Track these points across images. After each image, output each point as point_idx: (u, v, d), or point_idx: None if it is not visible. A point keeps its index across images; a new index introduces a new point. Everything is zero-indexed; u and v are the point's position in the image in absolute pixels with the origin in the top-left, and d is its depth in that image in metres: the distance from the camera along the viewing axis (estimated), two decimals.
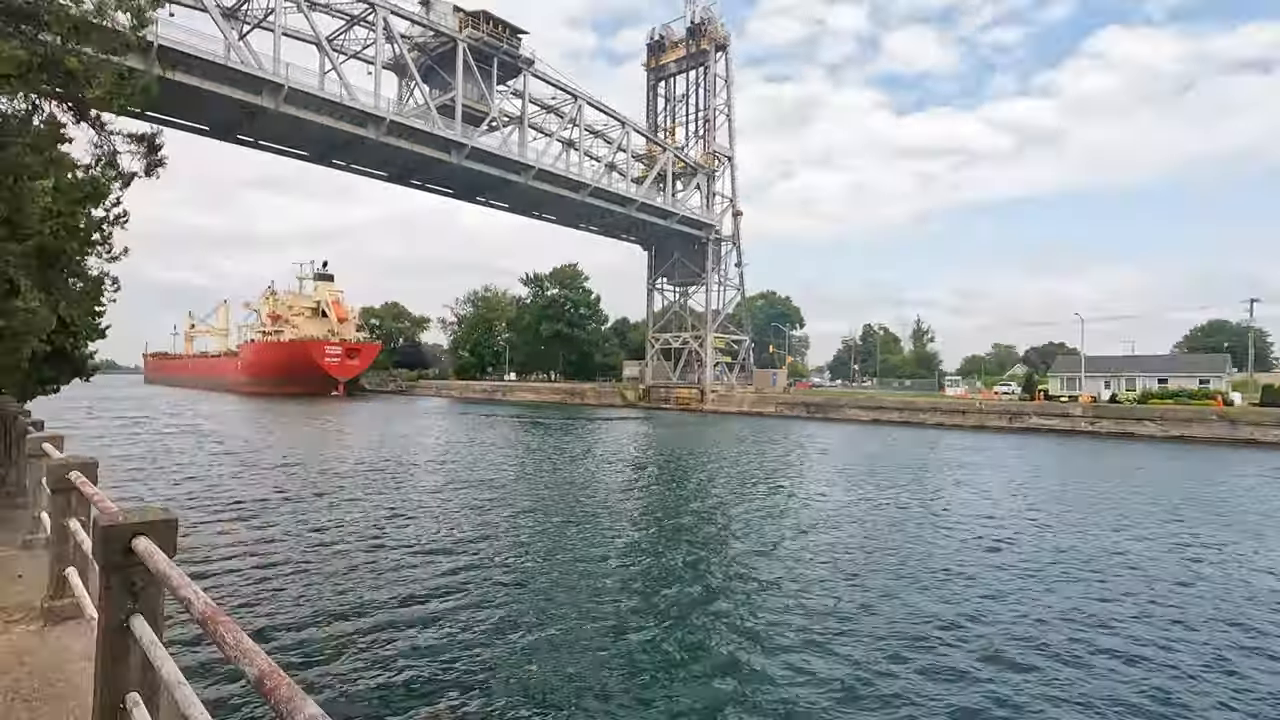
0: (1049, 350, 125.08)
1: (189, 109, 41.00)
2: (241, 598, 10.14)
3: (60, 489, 4.59)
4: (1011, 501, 19.81)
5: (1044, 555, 13.71)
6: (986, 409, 50.87)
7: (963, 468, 27.24)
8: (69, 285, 11.34)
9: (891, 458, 30.50)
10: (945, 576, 12.13)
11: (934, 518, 17.26)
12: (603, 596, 10.84)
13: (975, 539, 15.02)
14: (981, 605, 10.61)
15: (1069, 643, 9.14)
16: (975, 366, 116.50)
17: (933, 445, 36.38)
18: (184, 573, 2.36)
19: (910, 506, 18.75)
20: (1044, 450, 35.01)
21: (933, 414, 52.13)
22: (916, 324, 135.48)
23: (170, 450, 27.79)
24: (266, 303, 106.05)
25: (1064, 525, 16.62)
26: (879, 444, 36.86)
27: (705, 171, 72.41)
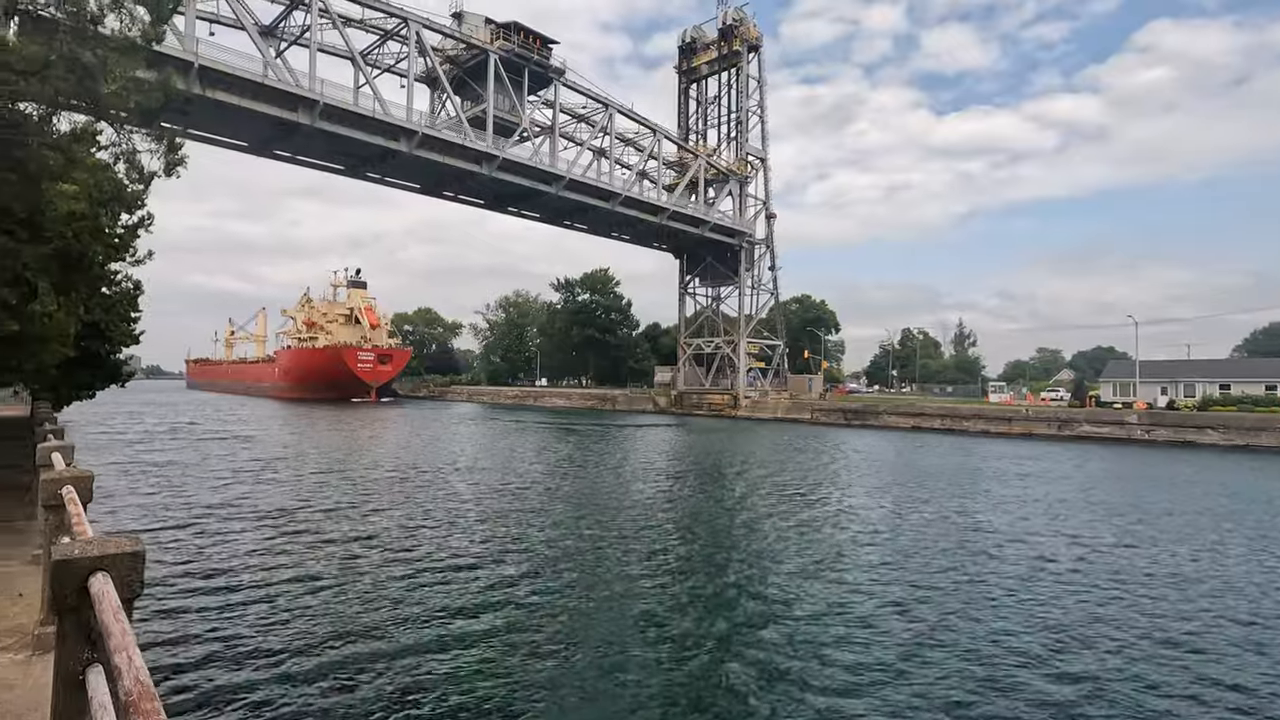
0: (1098, 355, 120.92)
1: (228, 126, 42.04)
2: (258, 609, 9.88)
3: (53, 505, 4.27)
4: (1078, 515, 18.69)
5: (1123, 575, 12.73)
6: (1034, 416, 48.95)
7: (1020, 478, 25.99)
8: (97, 290, 11.30)
9: (937, 467, 29.34)
10: (1015, 601, 11.29)
11: (995, 534, 16.31)
12: (637, 622, 10.31)
13: (1041, 556, 14.08)
14: (1056, 634, 9.79)
15: (1163, 676, 8.30)
16: (1019, 372, 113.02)
17: (979, 454, 35.00)
18: (130, 628, 1.92)
19: (964, 520, 17.80)
20: (1099, 459, 33.37)
21: (976, 421, 50.38)
22: (958, 328, 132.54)
23: (208, 457, 28.17)
24: (302, 309, 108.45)
25: (1139, 541, 15.53)
26: (922, 452, 35.62)
27: (738, 178, 71.56)
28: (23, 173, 7.29)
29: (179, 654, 8.20)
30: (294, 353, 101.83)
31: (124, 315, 15.88)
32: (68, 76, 6.90)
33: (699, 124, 77.14)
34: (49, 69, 6.78)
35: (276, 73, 39.81)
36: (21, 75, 6.72)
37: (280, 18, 45.22)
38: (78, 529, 3.23)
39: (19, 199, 6.97)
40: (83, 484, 4.30)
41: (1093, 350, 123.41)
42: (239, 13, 39.98)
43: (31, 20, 7.56)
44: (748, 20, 72.49)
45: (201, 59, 35.92)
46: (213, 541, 13.75)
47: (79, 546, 2.43)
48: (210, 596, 10.38)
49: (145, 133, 7.96)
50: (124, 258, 10.51)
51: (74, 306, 8.60)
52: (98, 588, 2.25)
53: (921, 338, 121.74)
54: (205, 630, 8.95)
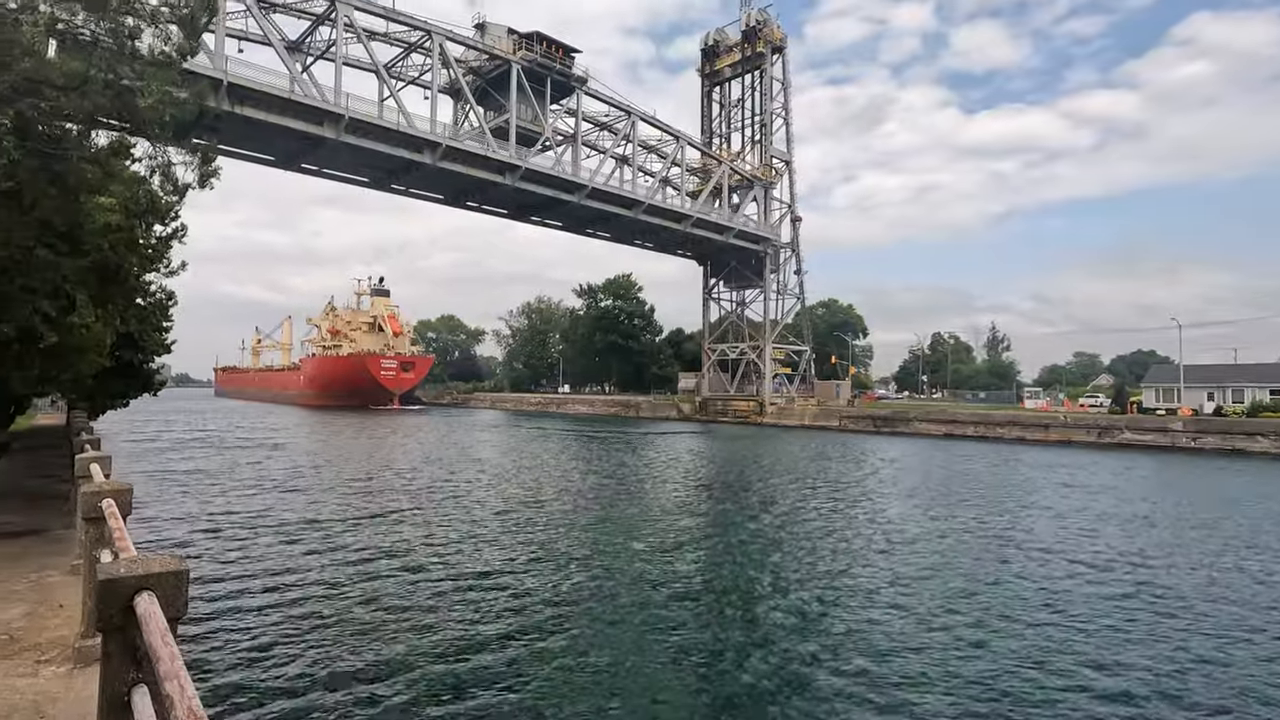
0: (1138, 359, 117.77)
1: (256, 141, 43.07)
2: (292, 623, 9.97)
3: (92, 517, 4.32)
4: (1123, 529, 18.14)
5: (1178, 596, 12.30)
6: (1072, 423, 47.78)
7: (1060, 488, 25.34)
8: (132, 301, 11.56)
9: (972, 476, 28.74)
10: (1055, 624, 10.96)
11: (1034, 550, 15.88)
12: (666, 637, 10.20)
13: (1083, 575, 13.67)
14: (1097, 657, 9.46)
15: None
16: (1056, 377, 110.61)
17: (1015, 462, 34.23)
18: (178, 652, 1.89)
19: (1001, 535, 17.38)
20: (1143, 468, 32.42)
21: (1011, 428, 49.32)
22: (990, 331, 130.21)
23: (237, 465, 28.70)
24: (327, 318, 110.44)
25: (1194, 557, 15.01)
26: (955, 461, 34.94)
27: (762, 183, 71.20)
28: (62, 186, 7.48)
29: (215, 670, 8.29)
30: (318, 360, 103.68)
31: (157, 325, 16.25)
32: (106, 91, 7.07)
33: (722, 127, 77.05)
34: (88, 84, 6.95)
35: (303, 88, 40.70)
36: (62, 91, 6.90)
37: (306, 33, 46.25)
38: (120, 544, 3.24)
39: (59, 212, 7.15)
40: (122, 497, 4.35)
41: (1133, 354, 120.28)
42: (266, 30, 40.98)
43: (71, 40, 7.78)
44: (771, 22, 72.30)
45: (231, 76, 36.86)
46: (244, 552, 13.96)
47: (124, 565, 2.43)
48: (244, 610, 10.51)
49: (179, 146, 8.13)
50: (158, 268, 10.75)
51: (110, 318, 8.80)
52: (144, 608, 2.24)
53: (953, 342, 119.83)
54: (242, 645, 9.06)
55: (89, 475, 5.69)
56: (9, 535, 7.99)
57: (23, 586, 6.00)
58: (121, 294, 9.59)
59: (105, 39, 7.27)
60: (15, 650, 4.52)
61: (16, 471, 14.01)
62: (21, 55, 6.55)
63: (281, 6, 42.96)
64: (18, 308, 7.59)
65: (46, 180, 7.28)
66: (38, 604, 5.53)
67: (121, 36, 7.33)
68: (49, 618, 5.21)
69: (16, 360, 8.43)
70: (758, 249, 71.52)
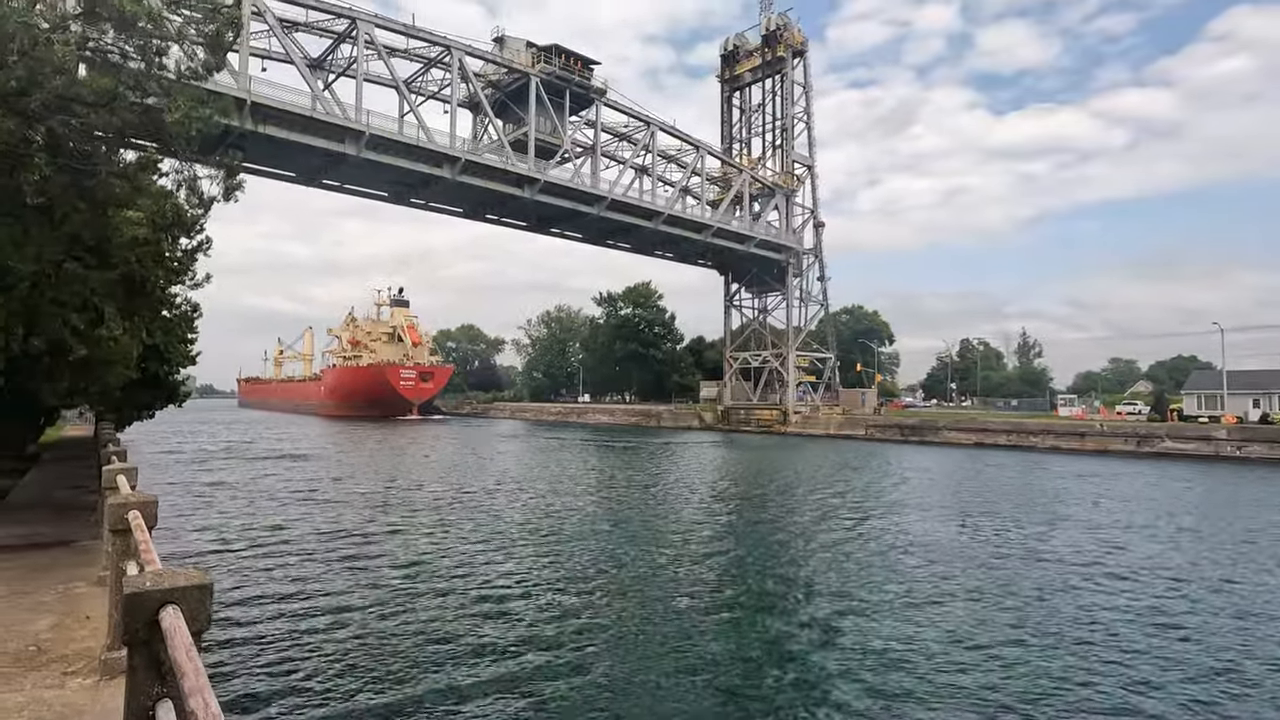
0: (1179, 365, 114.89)
1: (278, 158, 44.09)
2: (314, 636, 10.05)
3: (119, 529, 4.40)
4: (1168, 541, 17.65)
5: (1229, 616, 11.91)
6: (1109, 431, 46.70)
7: (1099, 500, 24.74)
8: (158, 313, 11.84)
9: (1005, 487, 28.19)
10: (1096, 648, 10.67)
11: (1074, 567, 15.51)
12: (691, 654, 10.11)
13: (1132, 587, 13.31)
14: (1141, 676, 9.18)
15: None
16: (1091, 384, 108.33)
17: (1051, 472, 33.52)
18: (202, 667, 1.91)
19: (1042, 545, 17.00)
20: (1185, 479, 31.53)
21: (1045, 437, 48.34)
22: (1021, 338, 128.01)
23: (260, 476, 29.16)
24: (347, 328, 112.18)
25: (1242, 573, 14.54)
26: (987, 471, 34.31)
27: (784, 191, 70.92)
28: (91, 201, 7.70)
29: (239, 683, 8.39)
30: (339, 371, 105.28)
31: (182, 337, 16.63)
32: (134, 108, 7.27)
33: (743, 133, 77.05)
34: (117, 101, 7.16)
35: (325, 105, 41.59)
36: (91, 108, 7.11)
37: (328, 51, 47.26)
38: (145, 557, 3.30)
39: (88, 227, 7.35)
40: (148, 508, 4.42)
41: (1173, 360, 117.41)
42: (289, 48, 41.96)
43: (101, 58, 8.03)
44: (792, 25, 72.28)
45: (254, 96, 37.79)
46: (265, 564, 14.14)
47: (150, 578, 2.46)
48: (266, 622, 10.63)
49: (205, 163, 8.33)
50: (183, 281, 11.01)
51: (137, 330, 9.01)
52: (169, 622, 2.27)
53: (982, 348, 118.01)
54: (264, 659, 9.15)
55: (115, 487, 5.82)
56: (39, 546, 8.18)
57: (51, 598, 6.13)
58: (148, 306, 9.82)
59: (134, 57, 7.49)
60: (43, 661, 4.61)
61: (46, 482, 14.37)
62: (53, 74, 6.77)
63: (304, 26, 44.03)
64: (48, 321, 7.81)
65: (76, 195, 7.50)
66: (65, 615, 5.64)
67: (150, 54, 7.54)
68: (76, 629, 5.31)
69: (47, 373, 8.67)
70: (780, 258, 71.22)
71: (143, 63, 7.43)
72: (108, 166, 7.68)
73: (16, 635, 5.11)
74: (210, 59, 7.86)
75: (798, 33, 72.53)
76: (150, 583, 2.42)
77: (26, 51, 6.51)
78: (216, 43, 8.44)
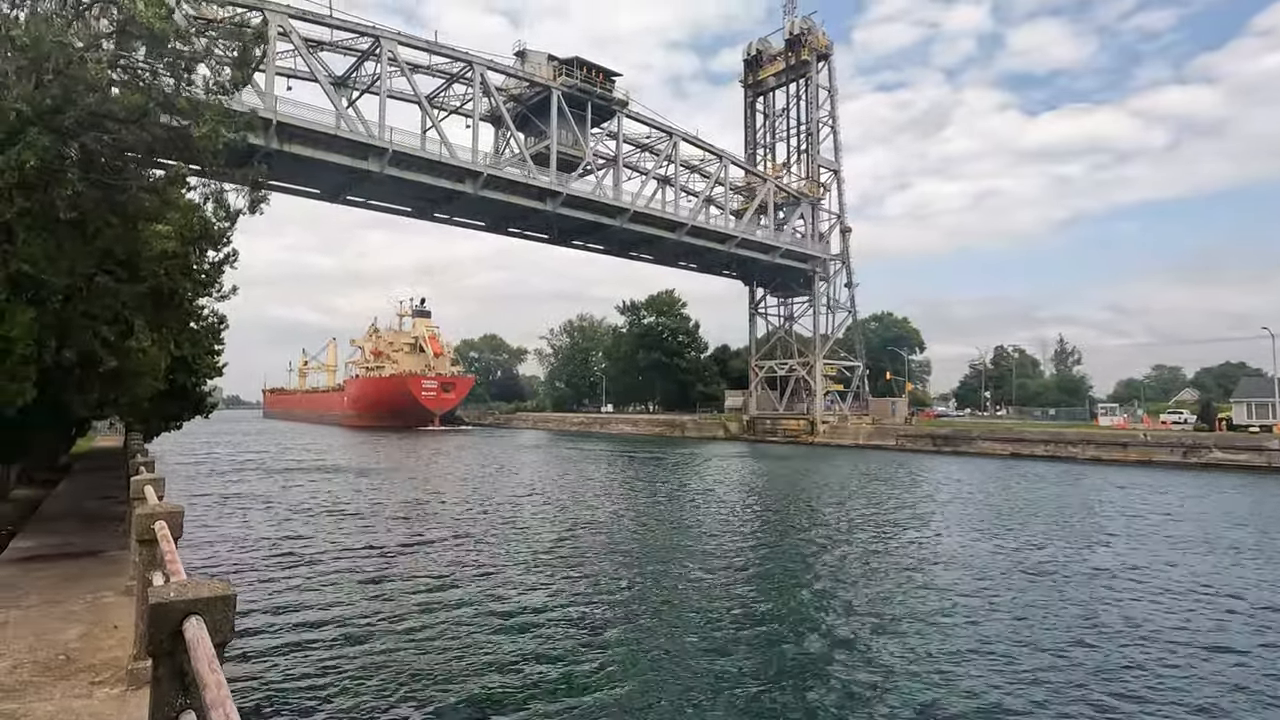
0: (1226, 372, 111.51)
1: (302, 175, 45.18)
2: (336, 650, 10.15)
3: (145, 539, 4.50)
4: (1219, 556, 17.09)
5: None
6: (1154, 441, 45.44)
7: (1148, 513, 24.06)
8: (185, 325, 12.13)
9: (1047, 498, 27.53)
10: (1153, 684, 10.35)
11: (1132, 580, 15.09)
12: (719, 676, 10.01)
13: (1181, 606, 12.90)
14: (1192, 701, 8.87)
15: None
16: (1133, 392, 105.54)
17: (1092, 485, 32.68)
18: (224, 680, 1.93)
19: (1085, 561, 16.56)
20: (1236, 490, 30.52)
21: (1085, 447, 47.18)
22: (1058, 344, 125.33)
23: (287, 487, 29.65)
24: (370, 339, 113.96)
25: None
26: (1025, 482, 33.57)
27: (809, 200, 70.49)
28: (123, 216, 7.94)
29: (260, 696, 8.49)
30: (361, 382, 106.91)
31: (209, 348, 17.03)
32: (164, 120, 7.50)
33: (767, 138, 76.93)
34: (147, 117, 7.39)
35: (348, 123, 42.53)
36: (123, 124, 7.34)
37: (351, 69, 48.33)
38: (171, 567, 3.36)
39: (119, 241, 7.58)
40: (174, 519, 4.52)
41: (1220, 366, 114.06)
42: (313, 67, 43.04)
43: (131, 75, 8.30)
44: (816, 29, 72.15)
45: (280, 115, 38.75)
46: (288, 576, 14.34)
47: (174, 589, 2.51)
48: (287, 634, 10.76)
49: (231, 181, 8.55)
50: (210, 293, 11.29)
51: (165, 342, 9.24)
52: (192, 633, 2.30)
53: (1017, 356, 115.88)
54: (286, 671, 9.26)
55: (143, 497, 5.95)
56: (69, 556, 8.41)
57: (80, 607, 6.28)
58: (176, 319, 10.08)
59: (164, 73, 7.74)
60: (72, 671, 4.72)
61: (77, 493, 14.77)
62: (86, 91, 7.02)
63: (329, 45, 45.18)
64: (80, 333, 8.05)
65: (108, 210, 7.74)
66: (93, 625, 5.78)
67: (179, 70, 7.77)
68: (104, 639, 5.43)
69: (78, 384, 8.92)
70: (806, 267, 70.79)
71: (172, 79, 7.66)
72: (138, 181, 7.91)
73: (47, 644, 5.24)
74: (237, 74, 8.08)
75: (822, 36, 72.36)
76: (174, 593, 2.47)
77: (62, 70, 6.76)
78: (244, 58, 8.67)
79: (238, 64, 8.36)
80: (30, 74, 6.64)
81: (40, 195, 6.90)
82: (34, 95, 6.68)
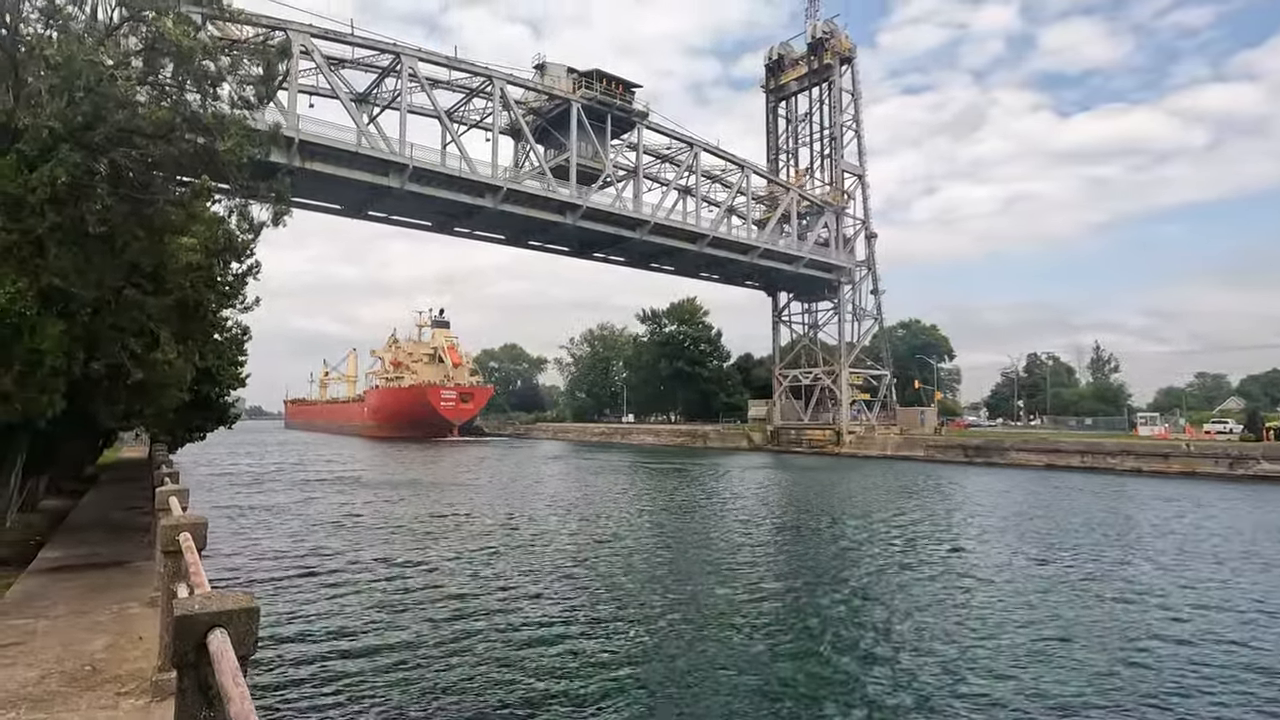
0: (1274, 379, 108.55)
1: (324, 192, 46.17)
2: (359, 664, 10.24)
3: (170, 550, 4.59)
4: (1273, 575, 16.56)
5: None
6: (1197, 452, 44.27)
7: (1196, 528, 23.41)
8: (210, 336, 12.40)
9: (1086, 512, 26.93)
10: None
11: (1188, 605, 14.67)
12: (755, 693, 9.92)
13: (1233, 630, 12.52)
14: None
15: None
16: (1174, 400, 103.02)
17: (1134, 498, 31.90)
18: (248, 693, 1.96)
19: (1136, 581, 16.15)
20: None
21: (1125, 458, 46.10)
22: (1094, 351, 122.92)
23: (308, 500, 30.06)
24: (389, 350, 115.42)
25: None
26: (1062, 494, 32.88)
27: (833, 208, 70.03)
28: (149, 229, 8.16)
29: (285, 709, 8.59)
30: (381, 392, 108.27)
31: (232, 359, 17.39)
32: (190, 137, 7.71)
33: (789, 143, 76.76)
34: (174, 132, 7.61)
35: (369, 140, 43.39)
36: (151, 139, 7.56)
37: (372, 86, 49.37)
38: (195, 579, 3.43)
39: (146, 254, 7.80)
40: (198, 530, 4.60)
41: (1267, 374, 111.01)
42: (334, 84, 43.99)
43: (159, 91, 8.55)
44: (839, 32, 71.99)
45: (302, 134, 39.61)
46: (312, 587, 14.51)
47: (198, 601, 2.56)
48: (310, 647, 10.88)
49: (254, 185, 8.76)
50: (234, 305, 11.53)
51: (190, 353, 9.46)
52: (216, 645, 2.34)
53: (1052, 363, 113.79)
54: (307, 685, 9.36)
55: (167, 508, 6.08)
56: (96, 566, 8.60)
57: (106, 618, 6.42)
58: (201, 330, 10.31)
59: (190, 89, 7.97)
60: (98, 682, 4.82)
61: (104, 503, 15.12)
62: (116, 108, 7.24)
63: (350, 62, 46.22)
64: (108, 345, 8.28)
65: (136, 223, 7.96)
66: (119, 635, 5.90)
67: (204, 85, 7.99)
68: (129, 649, 5.54)
69: (106, 396, 9.16)
70: (830, 277, 70.35)
71: (198, 94, 7.88)
72: (165, 195, 8.13)
73: (74, 655, 5.36)
74: (261, 88, 8.29)
75: (845, 39, 72.18)
76: (199, 605, 2.52)
77: (93, 88, 6.98)
78: (268, 73, 8.89)
79: (263, 79, 8.57)
80: (62, 92, 6.88)
81: (71, 210, 7.13)
82: (65, 113, 6.92)
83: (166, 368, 8.33)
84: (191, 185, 8.87)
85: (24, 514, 13.09)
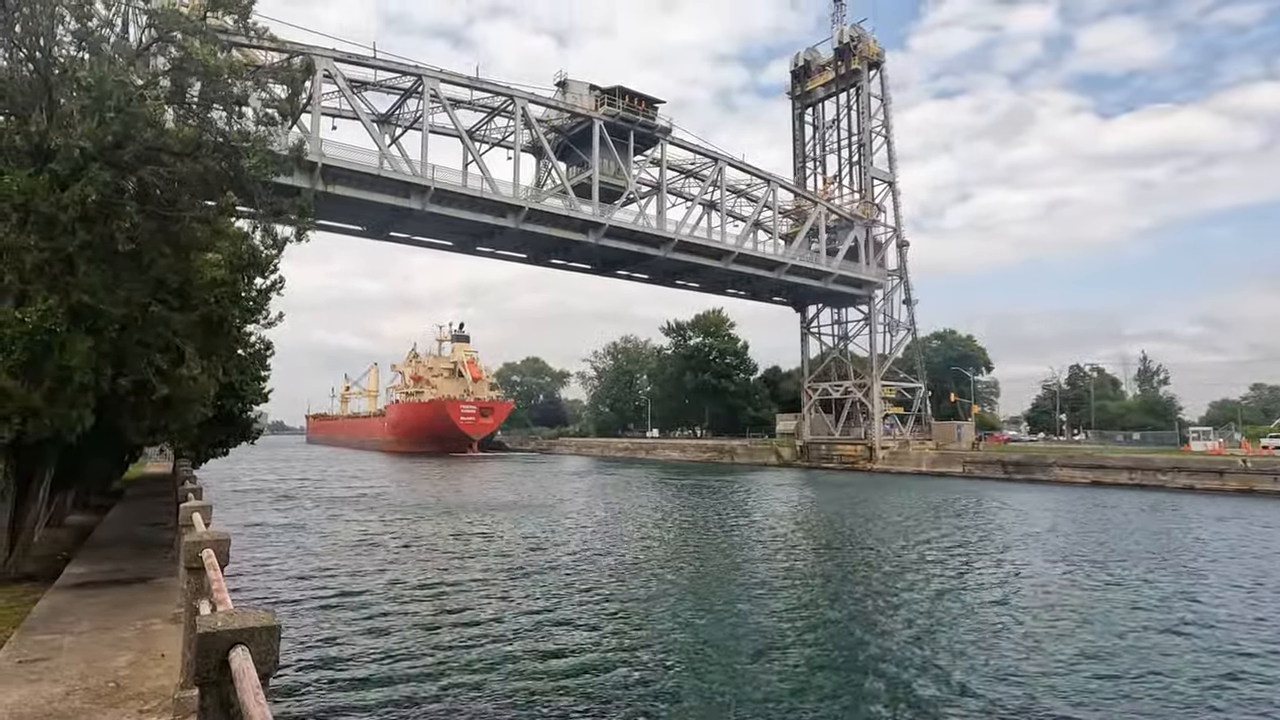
0: None
1: (346, 214, 47.29)
2: (373, 685, 10.31)
3: (193, 567, 4.70)
4: None
5: None
6: (1255, 468, 42.85)
7: (1261, 550, 22.62)
8: (233, 352, 12.69)
9: (1138, 532, 26.17)
10: None
11: (1258, 639, 14.19)
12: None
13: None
14: None
15: None
16: (1228, 414, 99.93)
17: (1191, 518, 30.94)
18: (269, 713, 2.01)
19: (1198, 609, 15.66)
20: None
21: (1176, 475, 44.80)
22: (1142, 362, 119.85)
23: (327, 517, 30.46)
24: (410, 364, 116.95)
25: None
26: (1111, 513, 32.00)
27: (863, 222, 69.43)
28: (175, 246, 8.41)
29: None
30: (401, 407, 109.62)
31: (255, 374, 17.75)
32: (215, 155, 7.96)
33: (816, 150, 76.56)
34: (201, 150, 7.85)
35: (391, 162, 44.36)
36: (178, 157, 7.82)
37: (394, 107, 50.45)
38: (218, 596, 3.50)
39: (173, 270, 8.04)
40: (221, 547, 4.70)
41: None
42: (356, 107, 45.06)
43: (186, 110, 8.86)
44: (866, 37, 71.86)
45: (324, 158, 40.59)
46: (333, 606, 14.67)
47: (221, 619, 2.62)
48: (331, 666, 10.99)
49: (279, 201, 9.00)
50: (257, 320, 11.80)
51: (214, 369, 9.70)
52: (238, 663, 2.39)
53: (1096, 375, 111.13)
54: (332, 704, 9.45)
55: (191, 524, 6.21)
56: (120, 583, 8.81)
57: (130, 634, 6.56)
58: (225, 346, 10.57)
59: (217, 107, 8.24)
60: (121, 699, 4.93)
61: (128, 519, 15.50)
62: (144, 127, 7.51)
63: (372, 85, 47.37)
64: (135, 361, 8.53)
65: (163, 240, 8.22)
66: (142, 652, 6.03)
67: (230, 103, 8.25)
68: (152, 666, 5.66)
69: (132, 411, 9.41)
70: (860, 293, 69.74)
71: (224, 111, 8.14)
72: (191, 212, 8.38)
73: (98, 671, 5.49)
74: (286, 106, 8.54)
75: (873, 44, 72.01)
76: (221, 623, 2.57)
77: (123, 108, 7.25)
78: (294, 89, 9.15)
79: (287, 98, 8.82)
80: (93, 112, 7.15)
81: (100, 228, 7.39)
82: (96, 132, 7.19)
83: (191, 383, 8.54)
84: (217, 202, 9.15)
85: (51, 529, 13.47)
